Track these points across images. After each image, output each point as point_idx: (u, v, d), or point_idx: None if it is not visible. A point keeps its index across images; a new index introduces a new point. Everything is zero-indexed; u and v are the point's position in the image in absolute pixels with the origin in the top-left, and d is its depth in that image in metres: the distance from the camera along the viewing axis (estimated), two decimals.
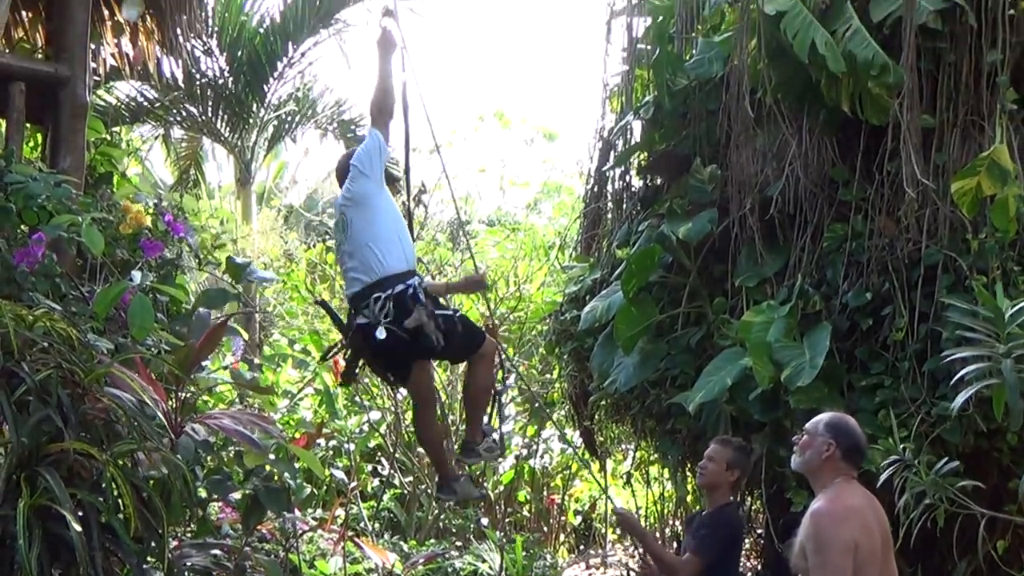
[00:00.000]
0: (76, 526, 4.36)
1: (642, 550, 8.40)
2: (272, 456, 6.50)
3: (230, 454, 6.48)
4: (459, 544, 11.26)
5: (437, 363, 11.71)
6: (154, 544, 4.98)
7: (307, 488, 9.70)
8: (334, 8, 15.15)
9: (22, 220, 6.36)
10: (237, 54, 15.28)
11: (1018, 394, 5.78)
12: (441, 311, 6.30)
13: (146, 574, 4.98)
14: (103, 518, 4.64)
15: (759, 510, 8.98)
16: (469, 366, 6.72)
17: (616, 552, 12.85)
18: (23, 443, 4.54)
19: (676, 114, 9.09)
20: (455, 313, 6.49)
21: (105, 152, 8.71)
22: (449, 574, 10.32)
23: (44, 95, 7.87)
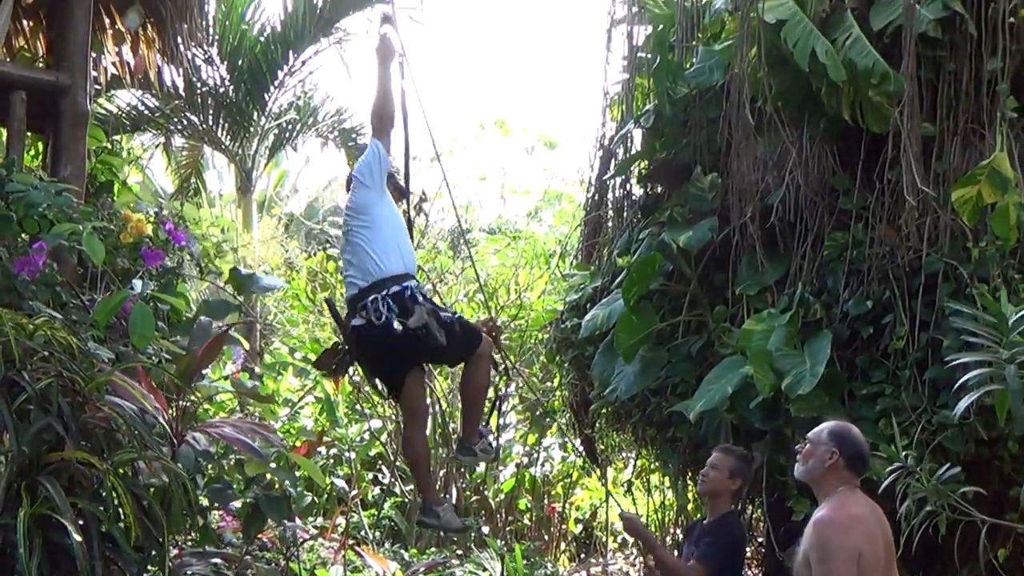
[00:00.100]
0: (76, 535, 4.36)
1: (647, 556, 8.38)
2: (273, 464, 6.49)
3: (231, 462, 6.48)
4: (460, 553, 11.23)
5: (438, 371, 11.80)
6: (155, 553, 4.98)
7: (308, 496, 9.72)
8: (335, 17, 15.16)
9: (23, 229, 6.36)
10: (238, 62, 15.29)
11: (1021, 400, 5.78)
12: (440, 312, 6.32)
13: None
14: (104, 527, 4.65)
15: (760, 518, 8.96)
16: (466, 366, 6.68)
17: (617, 561, 12.83)
18: (24, 452, 4.55)
19: (676, 122, 9.09)
20: (453, 314, 6.50)
21: (106, 161, 8.72)
22: None
23: (45, 104, 7.89)
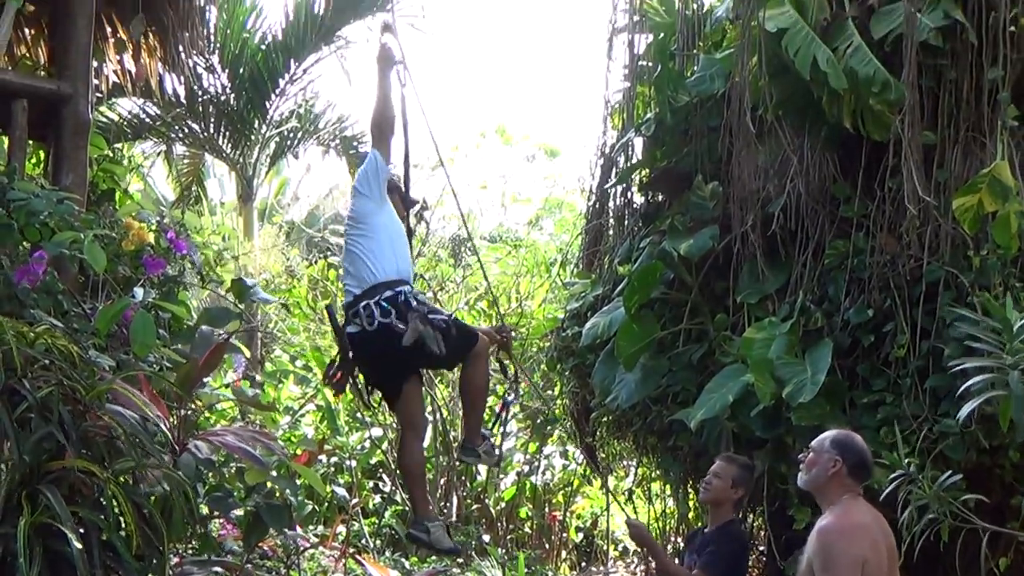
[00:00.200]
0: (77, 544, 4.36)
1: (651, 563, 8.37)
2: (274, 473, 6.49)
3: (232, 471, 6.47)
4: (460, 561, 11.22)
5: (438, 379, 11.80)
6: (155, 561, 4.97)
7: (308, 505, 9.73)
8: (336, 25, 15.17)
9: (24, 237, 6.35)
10: (239, 71, 15.31)
11: None
12: (435, 315, 6.27)
13: None
14: (104, 535, 4.64)
15: (761, 527, 8.95)
16: (464, 367, 6.63)
17: (618, 569, 12.82)
18: (24, 461, 4.55)
19: (678, 131, 9.09)
20: (449, 316, 6.45)
21: (107, 169, 8.72)
22: None
23: (46, 112, 7.88)
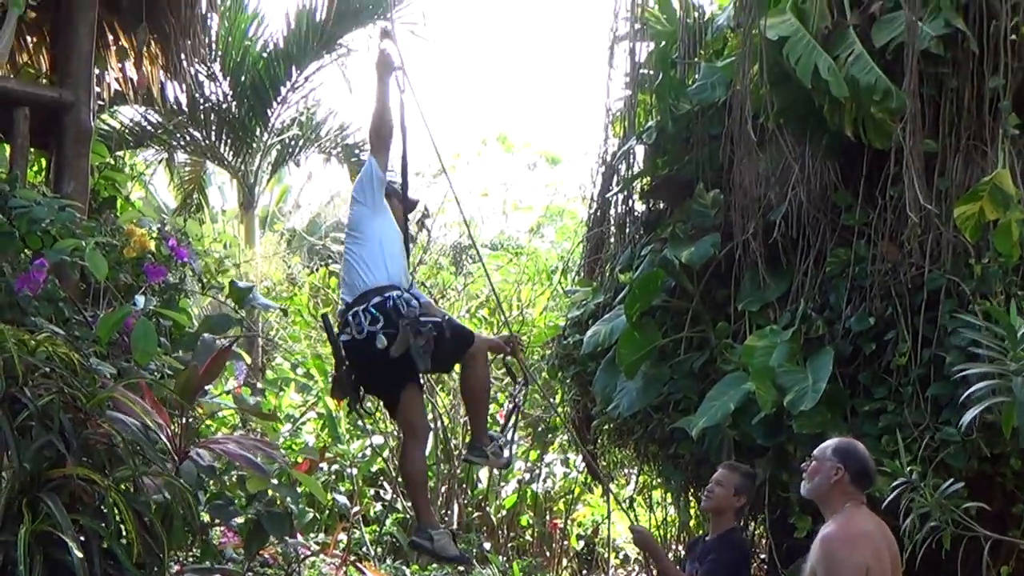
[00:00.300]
0: (78, 552, 4.34)
1: (654, 570, 8.35)
2: (275, 481, 6.49)
3: (233, 479, 6.47)
4: (461, 569, 11.20)
5: (439, 387, 11.79)
6: (156, 569, 4.95)
7: (309, 513, 9.71)
8: (337, 33, 15.16)
9: (26, 244, 6.36)
10: (240, 78, 15.29)
11: None
12: (427, 318, 6.14)
13: None
14: (105, 543, 4.62)
15: (762, 535, 8.94)
16: (463, 369, 6.54)
17: None
18: (25, 468, 4.53)
19: (679, 139, 9.10)
20: (443, 318, 6.35)
21: (109, 176, 8.72)
22: None
23: (48, 120, 7.89)
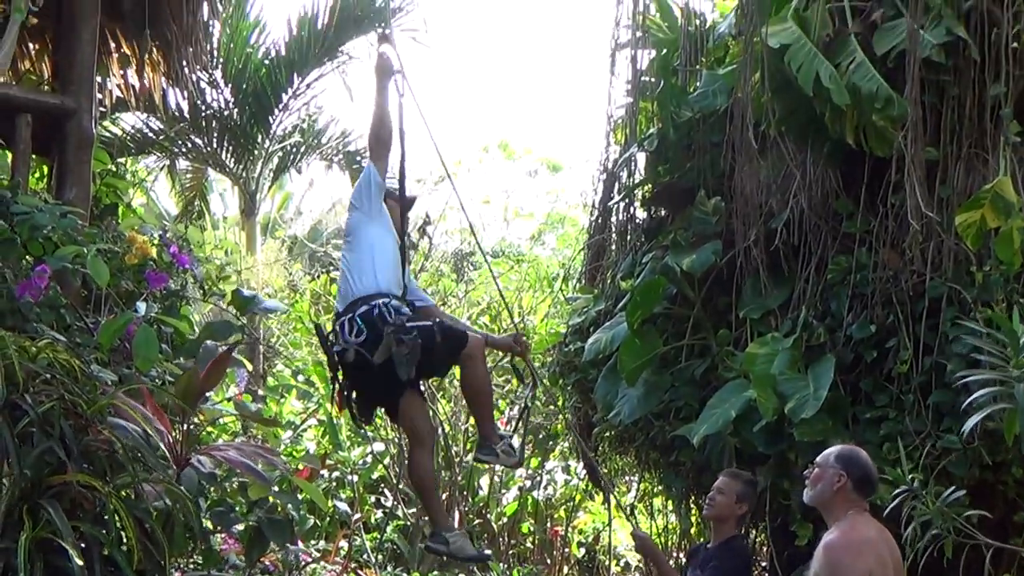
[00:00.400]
0: (78, 559, 4.34)
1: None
2: (276, 488, 6.48)
3: (234, 485, 6.47)
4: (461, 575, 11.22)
5: (440, 394, 11.78)
6: None
7: (310, 520, 9.71)
8: (338, 40, 15.18)
9: (27, 251, 6.38)
10: (242, 86, 15.31)
11: None
12: (416, 323, 6.03)
13: None
14: (105, 550, 4.63)
15: (763, 543, 8.93)
16: (462, 370, 6.43)
17: None
18: (25, 475, 4.53)
19: (680, 146, 9.08)
20: (434, 322, 6.18)
21: (111, 183, 8.73)
22: None
23: (50, 127, 7.91)
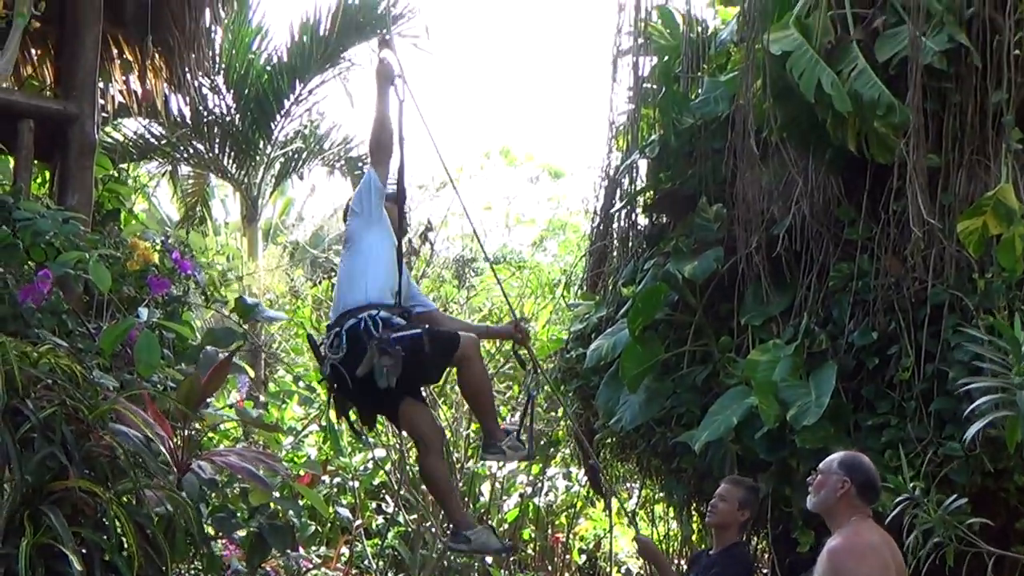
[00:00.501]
0: (79, 565, 4.33)
1: None
2: (277, 494, 6.47)
3: (235, 491, 6.46)
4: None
5: (441, 400, 11.77)
6: None
7: (312, 526, 9.69)
8: (341, 47, 15.20)
9: (29, 257, 6.38)
10: (244, 91, 15.33)
11: None
12: (403, 333, 5.94)
13: None
14: (106, 556, 4.62)
15: (765, 550, 8.93)
16: (459, 372, 6.37)
17: None
18: (27, 481, 4.53)
19: (682, 153, 9.09)
20: (424, 329, 6.08)
21: (113, 189, 8.73)
22: None
23: (53, 132, 7.91)
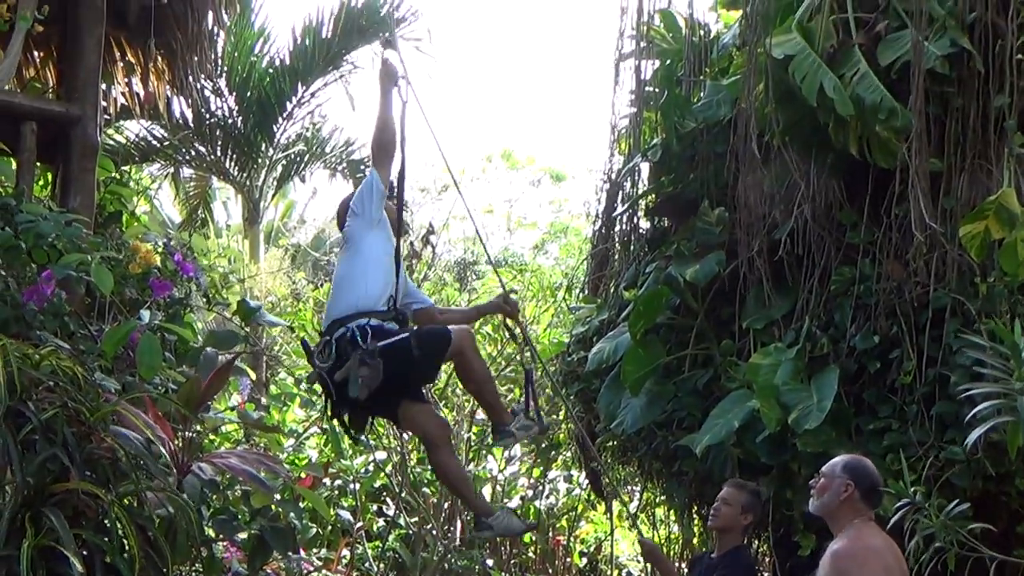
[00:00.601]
0: (80, 566, 4.34)
1: None
2: (278, 496, 6.47)
3: (236, 493, 6.46)
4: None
5: (443, 402, 11.77)
6: None
7: (313, 528, 9.69)
8: (343, 50, 15.22)
9: (32, 259, 6.38)
10: (246, 94, 15.34)
11: None
12: (391, 340, 5.86)
13: None
14: (108, 558, 4.63)
15: (766, 553, 8.92)
16: (456, 366, 6.40)
17: None
18: (28, 482, 4.54)
19: (684, 156, 9.09)
20: (411, 332, 6.01)
21: (115, 191, 8.74)
22: None
23: (55, 134, 7.93)
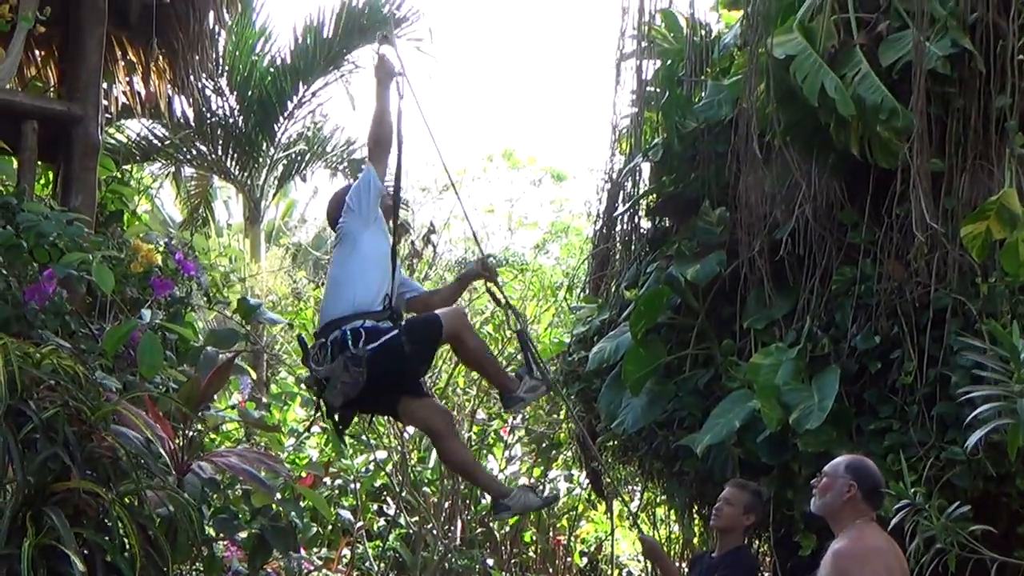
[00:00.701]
0: (81, 565, 4.34)
1: None
2: (279, 495, 6.47)
3: (237, 493, 6.46)
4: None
5: (443, 401, 11.76)
6: None
7: (313, 527, 9.69)
8: (344, 49, 15.23)
9: (33, 258, 6.38)
10: (247, 93, 15.36)
11: None
12: (381, 340, 5.81)
13: None
14: (108, 557, 4.62)
15: (767, 553, 8.92)
16: (455, 350, 6.44)
17: None
18: (29, 481, 4.54)
19: (685, 156, 9.09)
20: (400, 328, 5.94)
21: (116, 190, 8.74)
22: None
23: (56, 133, 7.93)
